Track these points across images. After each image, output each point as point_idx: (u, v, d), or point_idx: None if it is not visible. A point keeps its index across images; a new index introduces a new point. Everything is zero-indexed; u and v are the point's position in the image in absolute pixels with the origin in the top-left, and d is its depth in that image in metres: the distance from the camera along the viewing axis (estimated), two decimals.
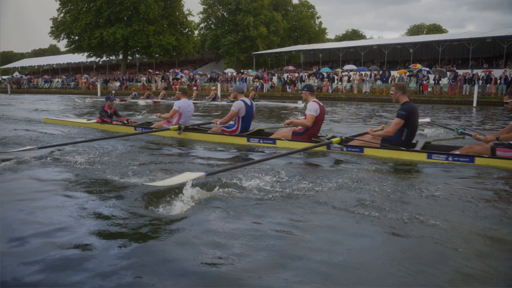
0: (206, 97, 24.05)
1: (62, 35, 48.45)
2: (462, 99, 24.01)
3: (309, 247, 2.60)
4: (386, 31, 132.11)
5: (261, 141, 6.65)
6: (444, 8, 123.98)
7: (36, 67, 68.33)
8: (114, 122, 8.71)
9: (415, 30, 72.66)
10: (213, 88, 27.05)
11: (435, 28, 69.69)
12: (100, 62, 55.11)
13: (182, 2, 48.58)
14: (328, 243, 2.66)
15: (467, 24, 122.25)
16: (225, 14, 51.44)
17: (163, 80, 39.31)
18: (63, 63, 61.47)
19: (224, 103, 21.16)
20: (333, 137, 6.30)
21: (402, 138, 5.56)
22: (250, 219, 3.06)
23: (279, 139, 6.46)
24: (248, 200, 3.49)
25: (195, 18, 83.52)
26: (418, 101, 24.64)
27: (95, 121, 9.16)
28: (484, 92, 24.48)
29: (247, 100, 7.04)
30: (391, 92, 5.75)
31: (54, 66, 63.21)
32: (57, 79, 51.85)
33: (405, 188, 4.00)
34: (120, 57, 50.05)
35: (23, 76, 56.54)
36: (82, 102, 23.30)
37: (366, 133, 6.09)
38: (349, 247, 2.60)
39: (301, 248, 2.59)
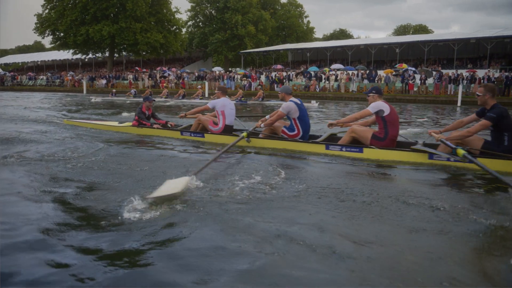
0: (193, 96, 23.91)
1: (47, 32, 47.66)
2: (447, 98, 24.38)
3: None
4: (373, 31, 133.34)
5: (344, 149, 5.69)
6: (430, 9, 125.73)
7: (20, 64, 67.06)
8: (154, 126, 7.72)
9: (402, 30, 73.45)
10: (199, 86, 26.81)
11: (421, 29, 70.56)
12: (86, 60, 54.44)
13: None
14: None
15: (452, 25, 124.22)
16: (213, 12, 51.28)
17: (150, 78, 38.97)
18: (48, 60, 60.53)
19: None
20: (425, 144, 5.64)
21: (505, 143, 4.93)
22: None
23: (367, 146, 5.57)
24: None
25: (183, 16, 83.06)
26: (404, 101, 24.97)
27: (129, 124, 8.22)
28: (468, 91, 24.89)
29: (297, 100, 6.31)
30: (478, 93, 5.12)
31: (39, 63, 62.16)
32: (41, 77, 51.00)
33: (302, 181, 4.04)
34: (107, 54, 49.46)
35: (7, 73, 55.44)
36: (94, 102, 21.90)
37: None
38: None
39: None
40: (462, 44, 33.06)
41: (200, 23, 52.84)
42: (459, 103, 22.42)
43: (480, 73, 26.37)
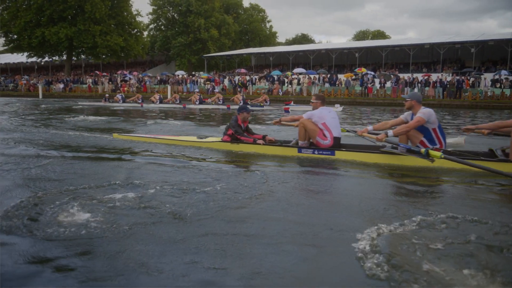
0: (167, 100, 22.58)
1: None
2: (404, 101, 25.36)
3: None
4: (334, 36, 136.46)
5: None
6: (387, 15, 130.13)
7: None
8: (259, 142, 6.29)
9: (361, 35, 75.69)
10: (156, 91, 25.90)
11: (379, 34, 73.05)
12: (42, 63, 52.24)
13: (131, 2, 47.26)
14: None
15: (408, 31, 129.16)
16: (175, 15, 50.77)
17: (110, 82, 38.02)
18: (1, 63, 57.61)
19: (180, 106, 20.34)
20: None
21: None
22: None
23: None
24: None
25: (144, 19, 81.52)
26: (364, 104, 25.76)
27: (217, 139, 6.75)
28: (423, 94, 26.03)
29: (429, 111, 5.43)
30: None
31: None
32: None
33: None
34: (64, 57, 47.74)
35: None
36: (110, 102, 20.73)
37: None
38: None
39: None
40: (417, 49, 34.54)
41: (162, 27, 52.15)
42: None
43: (434, 77, 27.67)
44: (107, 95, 24.84)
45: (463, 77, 26.59)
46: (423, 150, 4.95)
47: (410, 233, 2.75)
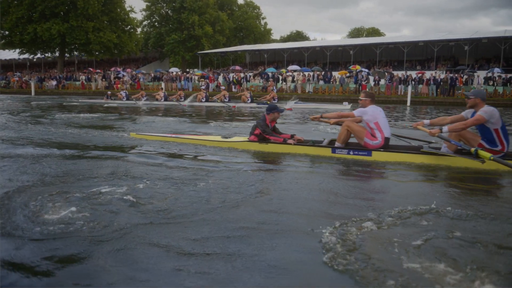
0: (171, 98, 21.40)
1: None
2: (398, 98, 25.41)
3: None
4: (328, 33, 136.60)
5: None
6: (381, 13, 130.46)
7: None
8: (289, 141, 6.12)
9: (356, 33, 75.73)
10: (161, 87, 25.18)
11: (374, 32, 73.14)
12: (35, 60, 51.69)
13: None
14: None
15: (402, 28, 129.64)
16: (169, 12, 50.45)
17: (103, 79, 37.71)
18: None
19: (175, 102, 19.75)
20: None
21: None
22: None
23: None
24: None
25: (138, 15, 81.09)
26: (358, 101, 25.70)
27: (244, 139, 6.52)
28: (417, 92, 26.08)
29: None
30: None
31: None
32: None
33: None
34: (57, 54, 47.27)
35: None
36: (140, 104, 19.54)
37: None
38: None
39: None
40: (411, 47, 34.59)
41: (156, 23, 51.82)
42: (408, 103, 23.43)
43: (428, 74, 27.74)
44: (109, 92, 24.36)
45: (456, 75, 26.68)
46: (472, 149, 4.64)
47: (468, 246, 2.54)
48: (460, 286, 2.09)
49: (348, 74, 30.05)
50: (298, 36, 73.02)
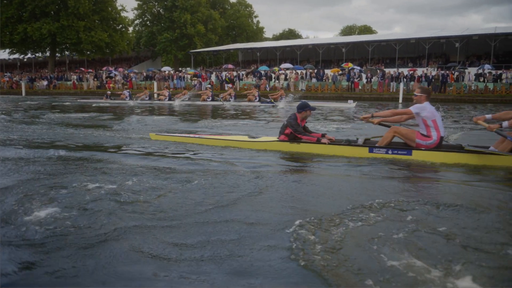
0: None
1: None
2: (390, 96, 25.56)
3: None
4: (321, 31, 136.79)
5: None
6: (373, 10, 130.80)
7: None
8: (323, 141, 5.77)
9: (348, 30, 75.93)
10: (165, 87, 24.28)
11: (366, 29, 73.37)
12: (25, 60, 51.19)
13: None
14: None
15: (394, 26, 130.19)
16: (161, 10, 50.21)
17: (95, 79, 37.47)
18: None
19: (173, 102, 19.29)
20: None
21: None
22: None
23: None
24: None
25: (129, 14, 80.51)
26: (351, 98, 25.79)
27: (273, 138, 6.19)
28: (409, 89, 26.25)
29: None
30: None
31: None
32: None
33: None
34: (48, 54, 46.86)
35: None
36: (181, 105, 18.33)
37: None
38: None
39: None
40: (403, 44, 34.79)
41: (148, 22, 51.55)
42: (400, 100, 23.57)
43: (420, 71, 27.93)
44: (108, 92, 24.06)
45: (447, 72, 26.89)
46: None
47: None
48: None
49: (340, 72, 30.16)
50: (290, 34, 73.04)
